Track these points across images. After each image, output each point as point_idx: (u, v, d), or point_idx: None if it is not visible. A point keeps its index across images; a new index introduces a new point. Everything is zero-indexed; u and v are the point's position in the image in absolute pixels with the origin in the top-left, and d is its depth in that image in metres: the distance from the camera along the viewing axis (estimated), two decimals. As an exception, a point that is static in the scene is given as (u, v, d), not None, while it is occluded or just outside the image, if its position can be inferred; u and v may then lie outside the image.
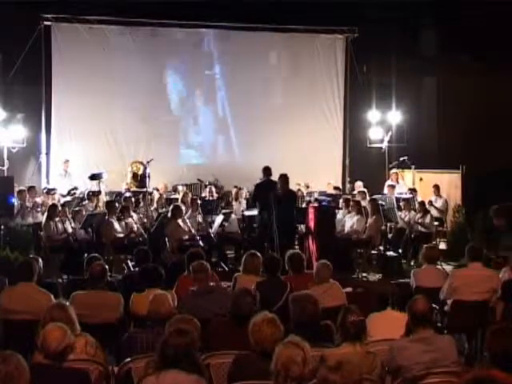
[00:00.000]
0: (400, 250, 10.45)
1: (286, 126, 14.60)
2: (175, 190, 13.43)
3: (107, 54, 14.18)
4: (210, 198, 12.09)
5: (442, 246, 11.38)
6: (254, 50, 14.76)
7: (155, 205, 11.90)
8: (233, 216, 10.95)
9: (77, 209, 10.96)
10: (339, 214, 10.88)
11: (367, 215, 10.33)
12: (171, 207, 10.05)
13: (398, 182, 12.89)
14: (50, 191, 12.14)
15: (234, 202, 12.14)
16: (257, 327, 3.97)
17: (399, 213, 11.03)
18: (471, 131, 13.27)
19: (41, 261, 6.41)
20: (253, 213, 10.52)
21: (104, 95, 13.92)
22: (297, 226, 10.24)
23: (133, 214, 10.55)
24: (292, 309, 4.68)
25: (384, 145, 14.22)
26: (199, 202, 10.98)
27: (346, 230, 10.41)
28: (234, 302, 4.87)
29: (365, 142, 14.49)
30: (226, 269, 9.80)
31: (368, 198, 11.18)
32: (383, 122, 14.47)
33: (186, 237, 9.79)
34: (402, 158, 13.00)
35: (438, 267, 7.77)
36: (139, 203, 11.68)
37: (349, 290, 6.70)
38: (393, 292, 6.17)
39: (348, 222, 10.53)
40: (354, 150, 14.92)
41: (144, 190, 12.04)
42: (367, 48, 14.13)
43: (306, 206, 10.99)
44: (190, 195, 11.38)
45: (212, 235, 10.22)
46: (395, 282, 8.70)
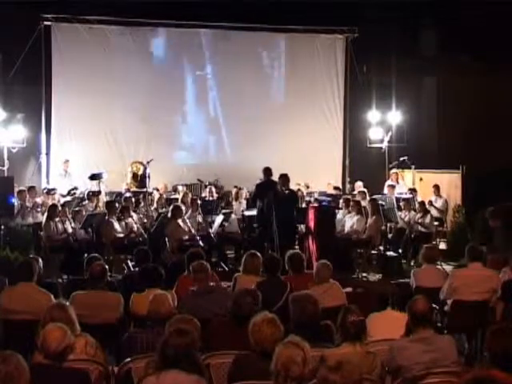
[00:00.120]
0: (400, 250, 10.45)
1: (286, 125, 14.58)
2: (175, 190, 13.43)
3: (107, 54, 14.18)
4: (210, 198, 12.08)
5: (442, 246, 11.38)
6: (255, 50, 14.79)
7: (155, 205, 11.90)
8: (233, 216, 10.95)
9: (77, 209, 10.96)
10: (339, 214, 10.87)
11: (367, 215, 10.33)
12: (171, 207, 10.04)
13: (398, 182, 12.88)
14: (50, 191, 12.13)
15: (234, 202, 12.14)
16: (257, 327, 3.97)
17: (399, 213, 11.02)
18: (471, 131, 13.27)
19: (41, 261, 6.41)
20: (253, 213, 10.52)
21: (104, 95, 13.91)
22: (297, 226, 10.23)
23: (133, 214, 10.55)
24: (292, 309, 4.68)
25: (384, 145, 14.22)
26: (199, 202, 10.98)
27: (346, 230, 10.41)
28: (234, 302, 4.86)
29: (365, 142, 14.48)
30: (226, 269, 9.79)
31: (368, 198, 11.17)
32: (383, 122, 14.46)
33: (186, 237, 9.78)
34: (402, 158, 13.00)
35: (438, 267, 7.77)
36: (139, 203, 11.67)
37: (349, 289, 6.69)
38: (393, 292, 6.19)
39: (348, 222, 10.52)
40: (353, 150, 14.92)
41: (144, 190, 12.06)
42: (367, 48, 14.12)
43: (306, 206, 10.99)
44: (189, 195, 11.38)
45: (212, 235, 10.22)
46: (395, 282, 8.71)
